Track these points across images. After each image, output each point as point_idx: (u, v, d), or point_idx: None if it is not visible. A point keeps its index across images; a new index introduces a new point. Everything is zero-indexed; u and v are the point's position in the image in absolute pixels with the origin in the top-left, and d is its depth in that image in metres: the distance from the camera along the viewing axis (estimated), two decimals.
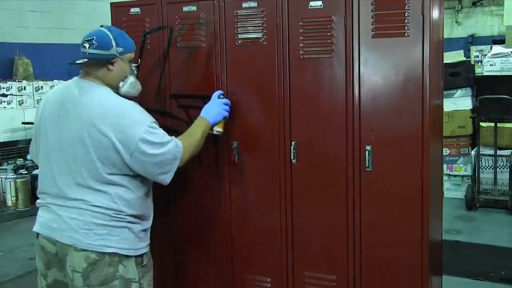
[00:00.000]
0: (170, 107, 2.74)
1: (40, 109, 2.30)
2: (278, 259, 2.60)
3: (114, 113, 2.11)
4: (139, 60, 2.54)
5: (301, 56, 2.46)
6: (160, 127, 2.23)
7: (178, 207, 2.80)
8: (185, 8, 2.65)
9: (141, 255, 2.22)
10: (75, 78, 2.25)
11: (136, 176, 2.18)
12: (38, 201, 2.29)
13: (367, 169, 2.37)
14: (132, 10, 2.79)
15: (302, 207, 2.54)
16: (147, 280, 2.24)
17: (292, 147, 2.50)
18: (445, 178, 6.06)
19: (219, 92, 2.54)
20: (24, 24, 7.66)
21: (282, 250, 2.59)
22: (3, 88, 6.93)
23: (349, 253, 2.45)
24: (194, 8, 2.64)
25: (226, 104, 2.51)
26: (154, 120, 2.19)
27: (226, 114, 2.51)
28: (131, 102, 2.20)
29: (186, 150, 2.24)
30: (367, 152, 2.36)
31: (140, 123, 2.13)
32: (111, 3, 2.88)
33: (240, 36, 2.56)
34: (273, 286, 2.64)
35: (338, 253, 2.48)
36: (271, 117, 2.54)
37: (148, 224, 2.28)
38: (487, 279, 3.90)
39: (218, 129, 2.49)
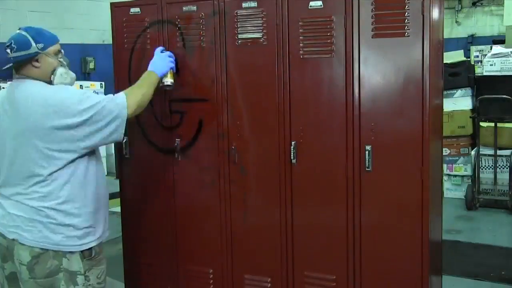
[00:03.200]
0: (165, 112, 2.75)
1: None
2: (278, 259, 2.60)
3: (45, 99, 2.15)
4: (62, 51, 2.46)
5: (301, 56, 2.45)
6: None
7: (177, 206, 2.80)
8: (185, 8, 2.65)
9: (89, 249, 2.25)
10: (12, 81, 2.32)
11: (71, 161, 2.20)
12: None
13: (367, 169, 2.37)
14: (132, 10, 2.79)
15: (302, 207, 2.54)
16: (95, 273, 2.29)
17: (292, 147, 2.50)
18: (445, 178, 6.05)
19: (160, 47, 2.62)
20: (24, 24, 7.65)
21: (282, 250, 2.59)
22: (3, 88, 6.92)
23: (349, 253, 2.45)
24: (194, 8, 2.64)
25: (170, 57, 2.59)
26: (83, 92, 2.24)
27: (172, 65, 2.58)
28: (61, 86, 2.24)
29: (131, 100, 2.26)
30: (367, 152, 2.36)
31: (71, 98, 2.16)
32: (111, 3, 2.88)
33: (240, 36, 2.56)
34: (273, 286, 2.63)
35: (338, 253, 2.48)
36: (270, 117, 2.54)
37: (96, 217, 2.31)
38: (487, 279, 3.90)
39: (168, 80, 2.55)
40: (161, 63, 2.55)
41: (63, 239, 2.18)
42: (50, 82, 2.25)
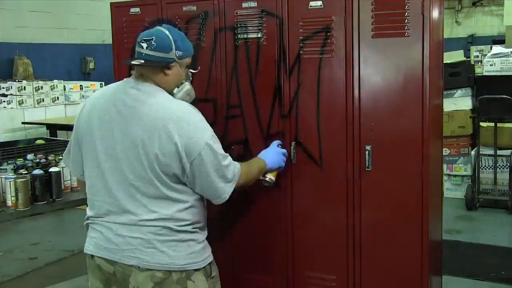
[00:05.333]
0: None
1: (84, 114, 2.10)
2: (278, 259, 2.60)
3: (177, 117, 1.94)
4: (198, 67, 2.37)
5: (301, 56, 2.45)
6: None
7: None
8: (185, 8, 2.65)
9: (209, 265, 2.07)
10: (128, 80, 2.07)
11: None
12: (89, 216, 2.11)
13: (367, 169, 2.37)
14: (132, 10, 2.79)
15: (302, 207, 2.54)
16: None
17: (292, 147, 2.50)
18: (445, 178, 6.05)
19: (278, 141, 2.45)
20: (24, 24, 7.66)
21: (282, 250, 2.59)
22: (3, 88, 6.94)
23: (349, 253, 2.45)
24: (194, 8, 2.64)
25: (284, 155, 2.40)
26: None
27: (283, 164, 2.39)
28: (192, 107, 2.05)
29: (242, 174, 2.09)
30: (367, 152, 2.36)
31: (204, 130, 1.98)
32: (111, 3, 2.88)
33: (240, 36, 2.56)
34: (273, 286, 2.63)
35: (338, 253, 2.48)
36: (270, 117, 2.54)
37: (206, 230, 2.13)
38: (487, 279, 3.90)
39: (271, 176, 2.35)
40: (275, 158, 2.35)
41: (186, 256, 1.98)
42: (170, 94, 2.06)
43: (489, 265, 4.16)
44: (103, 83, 7.95)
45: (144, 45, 2.01)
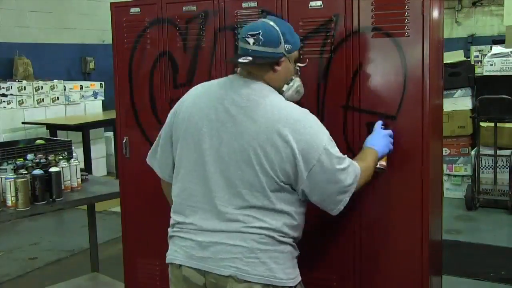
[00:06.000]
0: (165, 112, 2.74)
1: (183, 111, 1.96)
2: None
3: (293, 120, 1.81)
4: (307, 60, 2.20)
5: (301, 56, 2.45)
6: None
7: None
8: (185, 8, 2.66)
9: (299, 283, 1.95)
10: (235, 77, 1.94)
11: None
12: (174, 222, 1.93)
13: None
14: (132, 10, 2.79)
15: None
16: None
17: None
18: (445, 178, 6.06)
19: (380, 122, 2.26)
20: (24, 24, 7.66)
21: None
22: (3, 88, 6.93)
23: (349, 253, 2.45)
24: (194, 8, 2.64)
25: (390, 136, 2.20)
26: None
27: (391, 147, 2.19)
28: (306, 110, 1.92)
29: (362, 172, 1.93)
30: None
31: (321, 133, 1.85)
32: (111, 3, 2.88)
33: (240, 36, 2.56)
34: None
35: (338, 253, 2.48)
36: None
37: None
38: (487, 279, 3.90)
39: (382, 162, 2.20)
40: (382, 142, 2.15)
41: (286, 271, 1.85)
42: (279, 92, 1.93)
43: (489, 265, 4.16)
44: (103, 83, 7.95)
45: (251, 40, 1.85)
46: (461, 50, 7.39)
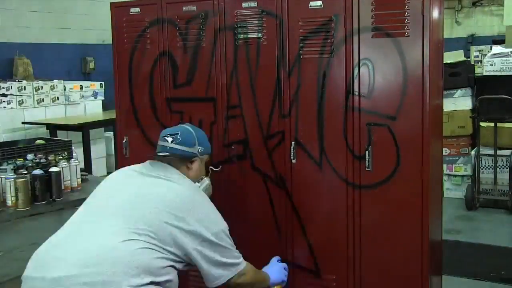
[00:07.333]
0: (165, 112, 2.75)
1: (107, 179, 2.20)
2: None
3: (193, 205, 2.00)
4: (220, 167, 2.60)
5: (301, 56, 2.46)
6: None
7: None
8: (185, 8, 2.66)
9: None
10: (155, 161, 2.16)
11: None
12: None
13: (367, 169, 2.37)
14: (132, 10, 2.79)
15: (302, 206, 2.54)
16: None
17: (292, 147, 2.50)
18: (445, 178, 6.05)
19: (277, 257, 2.45)
20: (24, 24, 7.65)
21: (282, 250, 2.59)
22: (3, 88, 6.92)
23: (349, 253, 2.45)
24: (193, 8, 2.64)
25: (285, 269, 2.41)
26: (227, 226, 2.10)
27: (285, 279, 2.39)
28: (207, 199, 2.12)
29: (250, 271, 2.13)
30: (367, 152, 2.36)
31: (216, 222, 2.04)
32: (111, 3, 2.88)
33: (240, 36, 2.56)
34: None
35: (338, 253, 2.48)
36: (270, 116, 2.54)
37: None
38: (487, 279, 3.89)
39: None
40: (278, 275, 2.35)
41: None
42: None
43: (489, 265, 4.15)
44: (103, 83, 7.94)
45: (169, 139, 2.17)
46: (461, 50, 7.38)
